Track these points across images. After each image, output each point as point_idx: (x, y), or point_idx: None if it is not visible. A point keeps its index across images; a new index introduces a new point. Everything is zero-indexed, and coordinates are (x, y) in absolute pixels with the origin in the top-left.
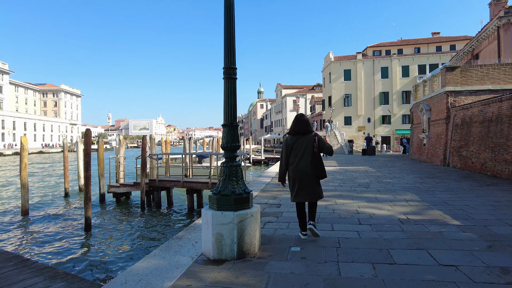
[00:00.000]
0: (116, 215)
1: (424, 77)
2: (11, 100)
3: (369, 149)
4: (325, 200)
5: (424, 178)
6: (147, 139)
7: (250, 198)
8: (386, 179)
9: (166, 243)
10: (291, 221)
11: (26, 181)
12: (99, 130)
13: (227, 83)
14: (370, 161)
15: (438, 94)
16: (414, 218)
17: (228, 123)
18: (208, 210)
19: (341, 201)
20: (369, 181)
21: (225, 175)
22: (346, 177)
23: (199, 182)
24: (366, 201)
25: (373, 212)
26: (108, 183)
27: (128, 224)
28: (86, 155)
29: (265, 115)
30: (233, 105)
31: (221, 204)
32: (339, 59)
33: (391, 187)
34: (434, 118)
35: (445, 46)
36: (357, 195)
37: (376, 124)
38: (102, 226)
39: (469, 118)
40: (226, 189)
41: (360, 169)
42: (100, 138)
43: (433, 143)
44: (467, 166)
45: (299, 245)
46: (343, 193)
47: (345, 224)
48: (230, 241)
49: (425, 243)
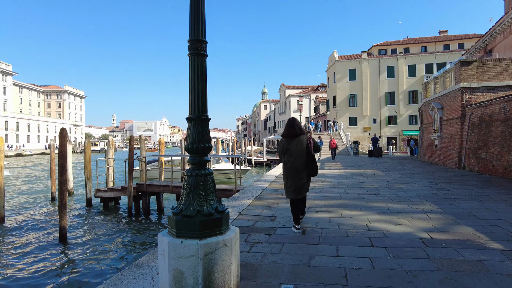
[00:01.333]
0: (100, 222)
1: (436, 73)
2: (15, 101)
3: (375, 150)
4: (329, 211)
5: (440, 183)
6: (141, 139)
7: (225, 220)
8: (397, 184)
9: (117, 275)
10: (286, 241)
11: (2, 185)
12: (103, 131)
13: (194, 61)
14: (377, 163)
15: (452, 91)
16: (440, 237)
17: (194, 116)
18: (165, 236)
19: (347, 213)
20: (378, 187)
21: (189, 187)
22: (352, 182)
23: None
24: (377, 212)
25: (387, 228)
26: (96, 187)
27: (111, 233)
28: (60, 158)
29: (269, 116)
30: (201, 91)
31: (182, 229)
32: (344, 58)
33: (404, 194)
34: (447, 117)
35: (453, 45)
36: (366, 205)
37: (382, 125)
38: (81, 236)
39: (488, 117)
40: (189, 208)
41: (368, 172)
42: (87, 139)
43: (446, 144)
44: (487, 170)
45: (292, 280)
46: (350, 201)
47: (353, 246)
48: (193, 281)
49: (465, 279)
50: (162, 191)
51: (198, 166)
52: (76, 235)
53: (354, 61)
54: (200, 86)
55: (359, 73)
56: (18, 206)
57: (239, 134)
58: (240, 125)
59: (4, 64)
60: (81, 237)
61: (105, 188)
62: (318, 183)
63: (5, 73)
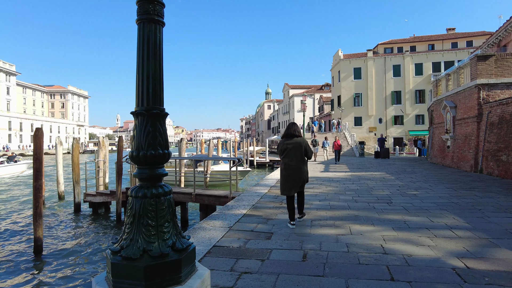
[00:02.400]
0: (84, 231)
1: (447, 70)
2: (19, 101)
3: (382, 151)
4: (335, 226)
5: (458, 189)
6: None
7: (186, 261)
8: (411, 190)
9: None
10: (282, 271)
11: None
12: (107, 132)
13: (143, 29)
14: (385, 165)
15: (467, 88)
16: (479, 267)
17: (142, 109)
18: (100, 284)
19: (357, 228)
20: (390, 194)
21: (133, 215)
22: (360, 188)
23: (182, 193)
24: (393, 227)
25: (407, 250)
26: (85, 191)
27: (93, 243)
28: (35, 161)
29: (272, 116)
30: (152, 73)
31: (120, 276)
32: (349, 57)
33: (420, 202)
34: (461, 116)
35: (461, 42)
36: (379, 217)
37: (388, 125)
38: (59, 246)
39: (510, 116)
40: (131, 246)
41: (376, 175)
42: (75, 141)
43: (460, 145)
44: (509, 174)
45: None
46: (359, 212)
47: (367, 279)
48: None
49: None
50: None
51: (148, 183)
52: (55, 246)
53: (359, 59)
54: (152, 66)
55: (364, 72)
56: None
57: (242, 134)
58: (244, 125)
59: (7, 65)
60: (59, 248)
61: (94, 192)
62: (323, 189)
63: (8, 73)
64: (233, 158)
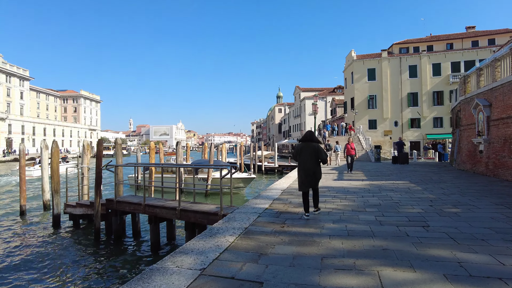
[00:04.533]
0: (60, 248)
1: (478, 64)
2: (32, 106)
3: (401, 156)
4: (357, 270)
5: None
6: (118, 143)
7: None
8: (447, 206)
9: None
10: None
11: None
12: (120, 136)
13: None
14: (406, 172)
15: (506, 83)
16: None
17: None
18: None
19: (390, 275)
20: (423, 212)
21: None
22: (383, 202)
23: (166, 207)
24: (444, 273)
25: None
26: (65, 201)
27: (68, 265)
28: None
29: (283, 120)
30: None
31: None
32: (362, 57)
33: (468, 227)
34: (497, 116)
35: (482, 41)
36: (417, 252)
37: (404, 128)
38: (28, 266)
39: None
40: None
41: (399, 185)
42: (54, 144)
43: (497, 150)
44: None
45: None
46: (389, 244)
47: None
48: None
49: None
50: (134, 210)
51: None
52: (24, 265)
53: (373, 60)
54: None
55: (378, 73)
56: None
57: (253, 138)
58: (255, 129)
59: (21, 70)
60: (31, 267)
61: (74, 203)
62: (337, 204)
63: (22, 78)
64: (225, 166)
